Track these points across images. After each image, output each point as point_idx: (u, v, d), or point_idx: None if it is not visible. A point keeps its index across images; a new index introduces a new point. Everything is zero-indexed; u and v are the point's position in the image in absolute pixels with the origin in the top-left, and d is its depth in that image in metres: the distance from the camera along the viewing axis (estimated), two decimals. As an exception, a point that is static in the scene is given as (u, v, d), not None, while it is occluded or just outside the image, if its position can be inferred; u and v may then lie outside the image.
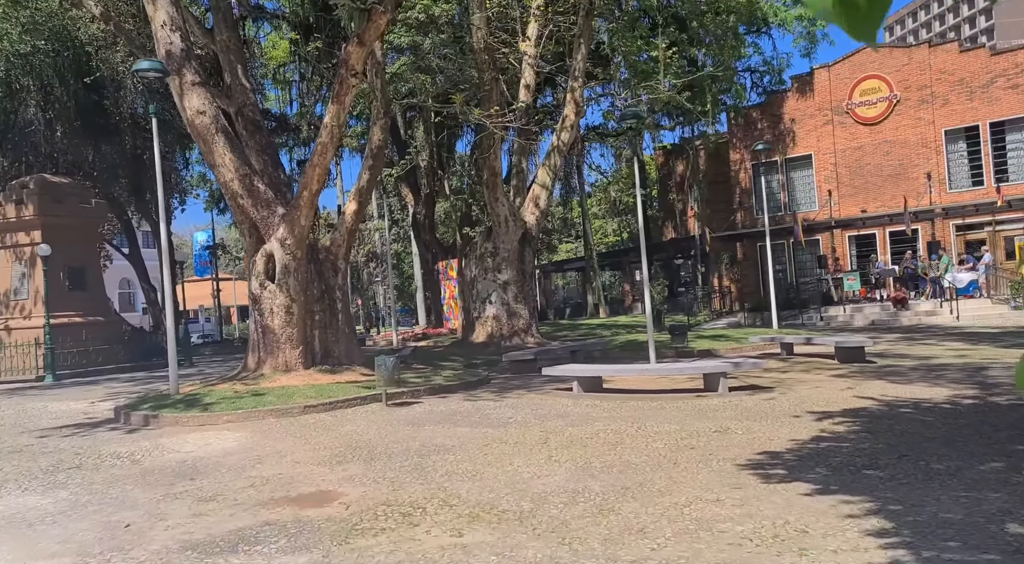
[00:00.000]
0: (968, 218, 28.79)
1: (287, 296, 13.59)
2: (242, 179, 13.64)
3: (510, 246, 19.85)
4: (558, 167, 20.72)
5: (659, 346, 18.56)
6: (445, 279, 34.31)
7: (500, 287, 19.90)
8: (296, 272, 13.70)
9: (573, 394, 12.16)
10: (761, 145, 22.07)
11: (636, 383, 12.83)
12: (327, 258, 14.55)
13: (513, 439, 8.85)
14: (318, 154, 13.22)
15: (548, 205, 20.79)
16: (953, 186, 29.25)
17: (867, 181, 31.05)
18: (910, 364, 13.97)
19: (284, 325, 13.60)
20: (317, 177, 13.33)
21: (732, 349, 17.81)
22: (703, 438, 8.31)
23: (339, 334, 14.52)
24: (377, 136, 14.49)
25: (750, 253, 34.71)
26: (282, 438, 9.68)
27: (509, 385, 14.02)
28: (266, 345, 13.71)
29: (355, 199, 14.65)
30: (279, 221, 13.83)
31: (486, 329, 19.99)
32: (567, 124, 20.46)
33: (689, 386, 12.32)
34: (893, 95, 30.18)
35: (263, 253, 13.70)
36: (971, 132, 28.78)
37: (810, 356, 15.90)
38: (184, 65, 13.32)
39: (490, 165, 19.22)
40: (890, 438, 7.80)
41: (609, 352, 18.24)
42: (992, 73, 28.07)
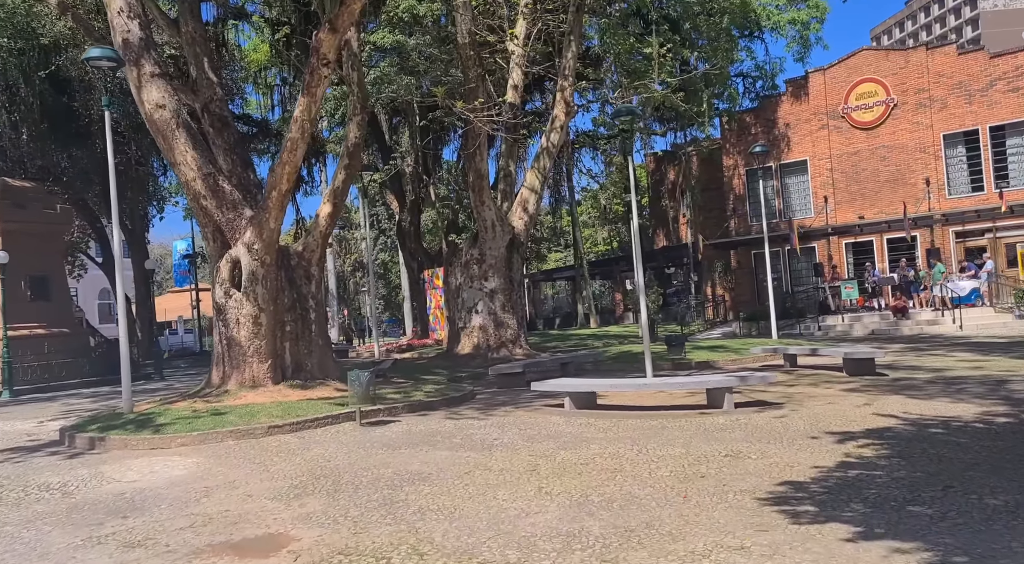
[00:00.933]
0: (968, 224, 28.03)
1: (255, 305, 12.54)
2: (205, 179, 12.60)
3: (497, 253, 18.85)
4: (547, 170, 19.80)
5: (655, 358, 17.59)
6: (431, 288, 33.27)
7: (487, 296, 18.89)
8: (265, 279, 12.66)
9: (565, 411, 11.16)
10: (759, 147, 21.24)
11: (633, 399, 11.84)
12: (299, 264, 13.52)
13: (498, 466, 7.83)
14: (287, 151, 12.21)
15: (537, 210, 19.86)
16: (952, 192, 28.52)
17: (864, 187, 30.30)
18: (924, 377, 13.04)
19: (251, 337, 12.55)
20: (287, 176, 12.32)
21: (732, 361, 16.86)
22: (714, 464, 7.32)
23: (312, 346, 13.48)
24: (354, 133, 13.50)
25: (744, 261, 33.86)
26: (239, 464, 8.62)
27: (495, 401, 12.99)
28: (231, 359, 12.64)
29: (330, 201, 13.63)
30: (246, 224, 12.79)
31: (472, 340, 18.96)
32: (557, 125, 19.54)
33: (691, 402, 11.33)
34: (890, 99, 29.46)
35: (228, 259, 12.66)
36: (971, 136, 28.07)
37: (816, 368, 14.97)
38: (143, 55, 12.30)
39: (476, 167, 18.24)
40: (927, 465, 6.83)
41: (602, 364, 17.25)
42: (991, 76, 27.39)
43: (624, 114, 14.21)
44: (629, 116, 14.19)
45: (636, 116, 13.82)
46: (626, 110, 14.28)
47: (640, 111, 13.98)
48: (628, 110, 14.26)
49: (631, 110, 14.17)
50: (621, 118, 14.27)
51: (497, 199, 19.49)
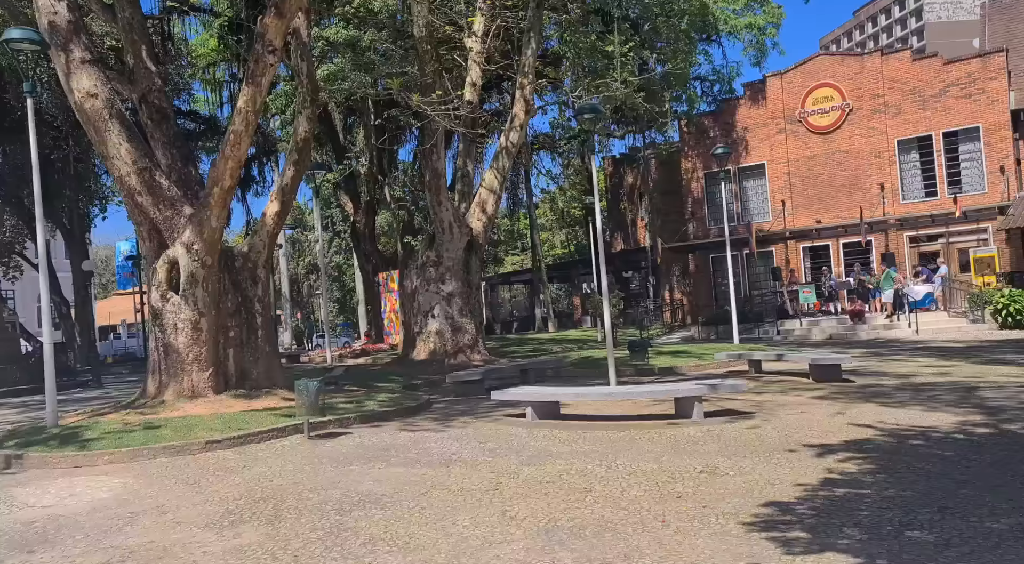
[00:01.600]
0: (922, 229, 28.24)
1: (194, 309, 11.71)
2: (141, 173, 11.73)
3: (455, 255, 18.20)
4: (506, 170, 19.23)
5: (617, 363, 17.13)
6: (386, 291, 32.45)
7: (444, 299, 18.22)
8: (206, 281, 11.83)
9: (527, 422, 10.58)
10: (721, 149, 20.97)
11: (598, 408, 11.30)
12: (245, 266, 12.70)
13: (458, 484, 7.21)
14: (231, 144, 11.42)
15: (496, 211, 19.29)
16: (906, 197, 28.71)
17: (820, 191, 30.37)
18: (892, 383, 12.77)
19: (190, 343, 11.70)
20: (230, 171, 11.52)
21: (696, 367, 16.48)
22: (690, 482, 6.80)
23: (258, 353, 12.67)
24: (303, 127, 12.75)
25: (702, 265, 33.74)
26: (171, 485, 7.84)
27: (453, 411, 12.35)
28: (169, 367, 11.78)
29: (277, 199, 12.85)
30: (186, 222, 11.95)
31: (428, 345, 18.27)
32: (516, 124, 18.98)
33: (658, 411, 10.84)
34: (846, 104, 29.59)
35: (165, 259, 11.81)
36: (924, 142, 28.29)
37: (782, 374, 14.63)
38: (72, 39, 11.39)
39: (432, 166, 17.58)
40: (915, 481, 6.40)
41: (563, 371, 16.73)
42: (945, 82, 27.64)
43: (587, 112, 13.71)
44: (592, 114, 13.68)
45: (599, 114, 13.32)
46: (589, 108, 13.78)
47: (603, 109, 13.43)
48: (591, 108, 13.75)
49: (594, 108, 13.66)
50: (584, 116, 13.76)
51: (455, 200, 18.86)
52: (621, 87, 17.14)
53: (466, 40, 20.18)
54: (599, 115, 13.70)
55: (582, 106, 13.73)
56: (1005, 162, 26.56)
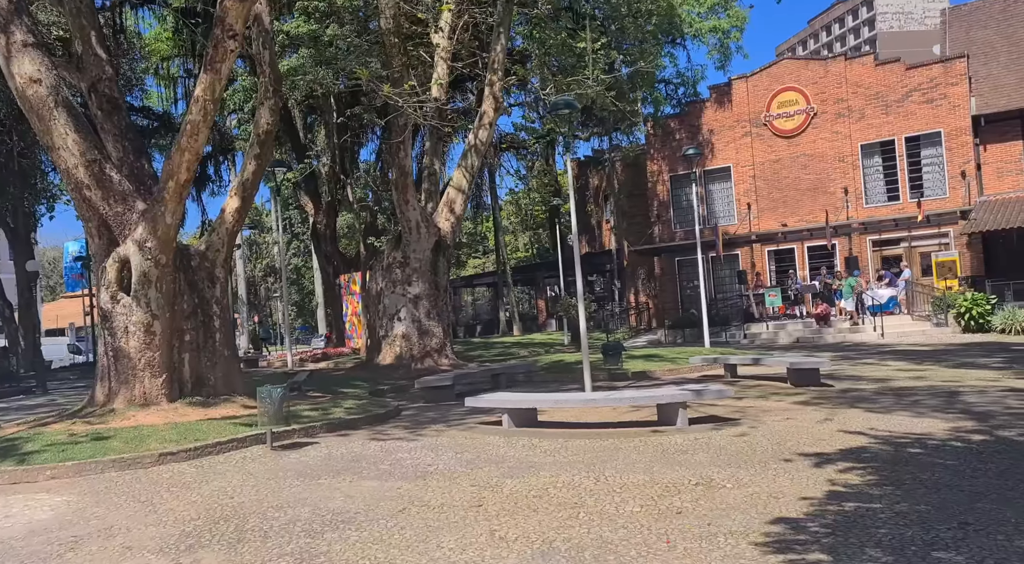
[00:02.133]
0: (885, 233, 28.43)
1: (147, 311, 10.96)
2: (89, 166, 10.96)
3: (422, 255, 17.62)
4: (475, 169, 18.71)
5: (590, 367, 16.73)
6: (348, 294, 31.67)
7: (410, 302, 17.62)
8: (160, 282, 11.10)
9: (504, 430, 10.07)
10: (691, 150, 20.74)
11: (576, 415, 10.85)
12: (202, 265, 11.98)
13: (437, 500, 6.67)
14: (187, 135, 10.71)
15: (464, 210, 18.75)
16: (869, 201, 28.88)
17: (785, 195, 30.42)
18: (871, 388, 12.55)
19: (143, 347, 10.96)
20: (186, 164, 10.81)
21: (669, 371, 16.15)
22: (687, 496, 6.36)
23: (216, 357, 11.95)
24: (265, 119, 12.08)
25: (668, 268, 33.60)
26: (120, 504, 7.16)
27: (424, 418, 11.78)
28: (119, 373, 11.02)
29: (237, 194, 12.15)
30: (138, 218, 11.20)
31: (394, 350, 17.65)
32: (485, 121, 18.49)
33: (639, 418, 10.42)
34: (810, 108, 29.69)
35: (116, 258, 11.05)
36: (887, 147, 28.49)
37: (758, 379, 14.34)
38: (12, 21, 10.59)
39: (399, 163, 16.98)
40: (926, 494, 6.05)
41: (535, 375, 16.26)
42: (907, 87, 27.87)
43: (562, 107, 13.27)
44: (568, 109, 13.26)
45: (574, 109, 12.91)
46: (564, 103, 13.34)
47: (578, 104, 13.03)
48: (566, 103, 13.32)
49: (569, 103, 13.23)
50: (559, 112, 13.33)
51: (421, 199, 18.28)
52: (594, 85, 16.74)
53: (433, 36, 19.63)
54: (574, 110, 13.28)
55: (557, 101, 13.28)
56: (966, 167, 26.85)
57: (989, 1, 29.63)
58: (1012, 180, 26.65)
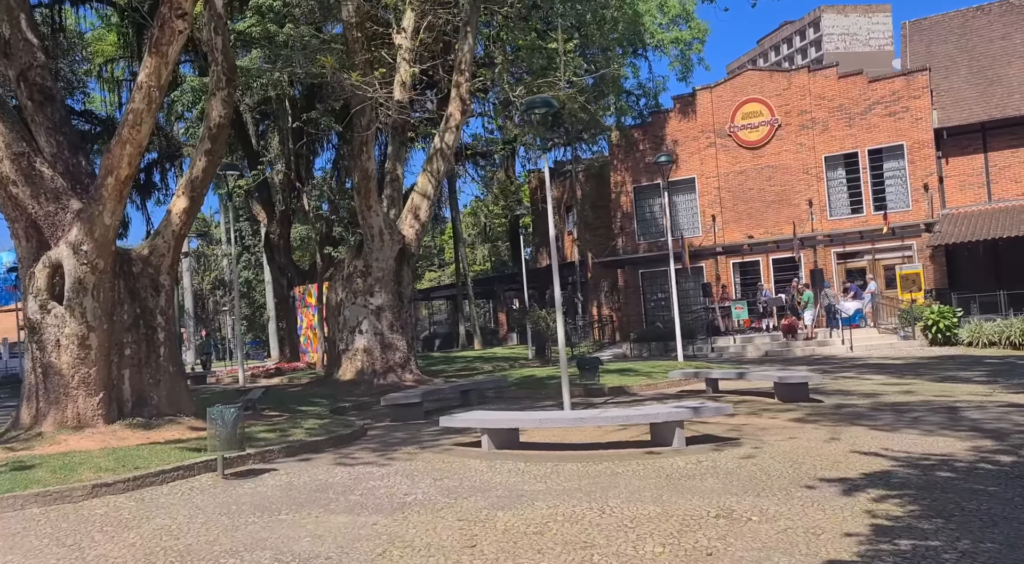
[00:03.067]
0: (849, 246, 28.28)
1: (81, 322, 9.79)
2: (16, 159, 9.78)
3: (385, 265, 16.61)
4: (441, 174, 17.80)
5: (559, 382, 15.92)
6: (302, 306, 30.38)
7: (373, 313, 16.58)
8: (97, 289, 9.93)
9: (484, 452, 9.16)
10: (664, 157, 20.16)
11: (560, 435, 9.99)
12: (145, 272, 10.83)
13: (422, 539, 5.73)
14: (129, 125, 9.62)
15: (429, 217, 17.83)
16: (834, 213, 28.73)
17: (750, 207, 30.14)
18: (864, 403, 11.95)
19: (76, 363, 9.77)
20: (128, 157, 9.70)
21: (647, 386, 15.39)
22: (712, 532, 5.54)
23: (160, 374, 10.79)
24: (217, 111, 11.01)
25: (632, 280, 33.05)
26: (41, 548, 6.05)
27: (393, 439, 10.78)
28: (49, 391, 9.81)
29: (186, 194, 11.03)
30: (72, 219, 10.04)
31: (355, 364, 16.57)
32: (452, 124, 17.62)
33: (628, 437, 9.61)
34: (774, 120, 29.51)
35: (47, 263, 9.86)
36: (850, 159, 28.40)
37: (742, 394, 13.66)
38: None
39: (362, 166, 15.99)
40: (985, 528, 5.33)
41: (505, 391, 15.36)
42: (870, 100, 27.85)
43: (538, 105, 12.49)
44: (545, 108, 12.48)
45: (551, 107, 12.14)
46: (541, 101, 12.55)
47: (555, 102, 12.26)
48: (544, 101, 12.53)
49: (547, 101, 12.45)
50: (535, 111, 12.54)
51: (384, 205, 17.29)
52: (566, 87, 16.03)
53: (395, 37, 18.75)
54: (550, 109, 12.50)
55: (533, 100, 12.50)
56: (928, 180, 26.86)
57: (949, 15, 29.89)
58: (974, 193, 26.74)
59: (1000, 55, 27.68)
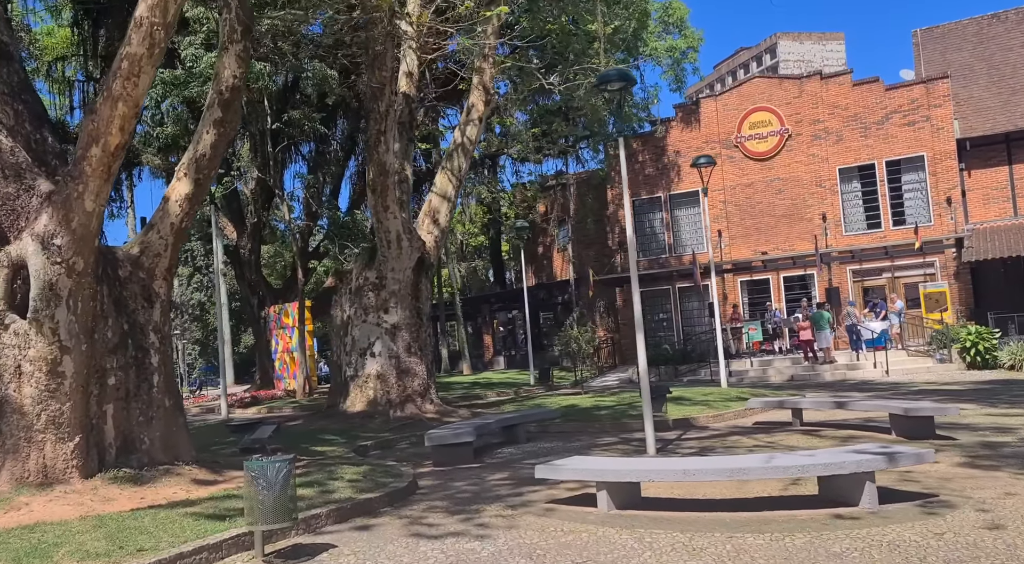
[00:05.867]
0: (866, 263, 26.74)
1: (52, 342, 7.22)
2: (-34, 121, 7.26)
3: (402, 275, 14.21)
4: (463, 172, 15.51)
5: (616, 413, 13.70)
6: (278, 328, 27.58)
7: (387, 333, 14.13)
8: (74, 298, 7.38)
9: (603, 514, 6.87)
10: (704, 159, 18.18)
11: (687, 489, 7.73)
12: (134, 276, 8.29)
13: None
14: (123, 77, 7.17)
15: (449, 222, 15.50)
16: (849, 228, 27.21)
17: (759, 221, 28.47)
18: (1012, 441, 9.92)
19: (44, 396, 7.20)
20: (120, 120, 7.24)
21: (714, 417, 13.25)
22: None
23: (153, 409, 8.22)
24: (231, 70, 8.59)
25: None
26: None
27: (459, 492, 8.36)
28: (3, 435, 7.20)
29: (188, 175, 8.55)
30: (40, 204, 7.50)
31: (366, 393, 14.06)
32: (474, 116, 15.42)
33: (775, 491, 7.40)
34: (784, 129, 27.99)
35: (4, 261, 7.29)
36: (866, 171, 26.97)
37: (837, 427, 11.56)
38: None
39: (378, 160, 13.62)
40: None
41: (550, 426, 13.02)
42: (887, 109, 26.50)
43: (614, 79, 10.46)
44: (620, 82, 10.45)
45: (629, 80, 10.10)
46: (616, 74, 10.53)
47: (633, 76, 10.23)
48: (619, 74, 10.49)
49: (623, 74, 10.41)
50: (609, 85, 10.47)
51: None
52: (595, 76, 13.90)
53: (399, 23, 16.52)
54: (628, 83, 10.47)
55: (608, 73, 10.48)
56: (951, 193, 25.51)
57: (962, 23, 28.83)
58: (999, 207, 25.48)
59: (1021, 63, 26.62)
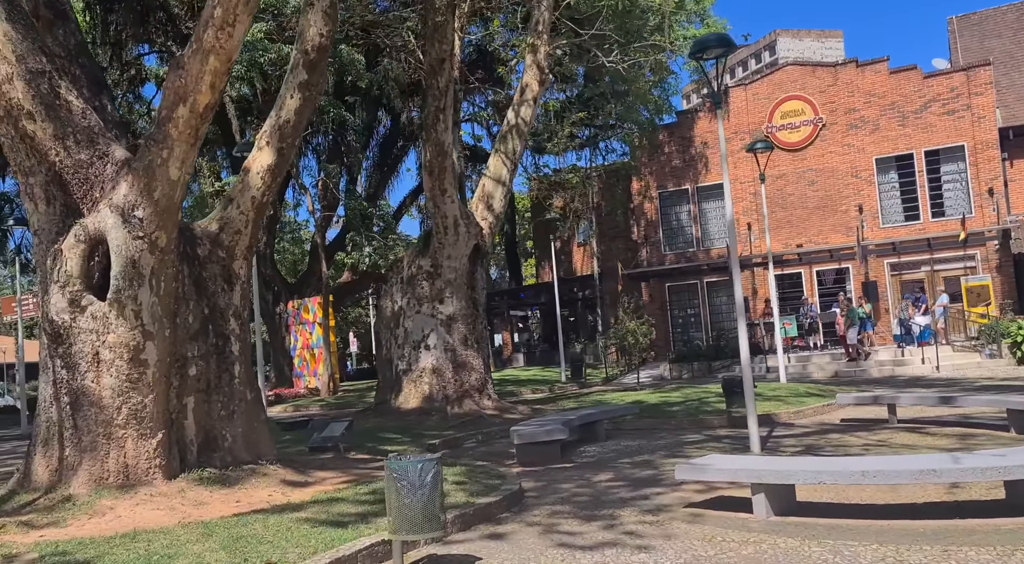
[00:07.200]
0: (904, 256, 26.04)
1: (135, 326, 6.38)
2: (33, 80, 6.39)
3: (458, 263, 13.39)
4: (517, 155, 14.70)
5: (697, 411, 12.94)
6: (297, 324, 26.70)
7: (442, 325, 13.30)
8: (156, 277, 6.54)
9: (761, 521, 6.09)
10: (760, 144, 17.35)
11: (842, 493, 6.94)
12: (213, 255, 7.44)
13: None
14: (216, 26, 6.28)
15: (504, 208, 14.67)
16: (886, 220, 26.49)
17: (791, 214, 27.74)
18: None
19: (125, 387, 6.35)
20: (211, 77, 6.38)
21: (794, 413, 12.50)
22: None
23: (234, 402, 7.37)
24: (317, 28, 7.71)
25: (658, 295, 30.26)
26: None
27: (572, 494, 7.52)
28: (81, 431, 6.35)
29: (271, 144, 7.67)
30: (117, 172, 6.64)
31: (420, 389, 13.22)
32: (528, 96, 14.61)
33: (939, 495, 6.62)
34: (818, 118, 27.24)
35: (81, 235, 6.43)
36: (904, 161, 26.24)
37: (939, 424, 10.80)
38: None
39: (436, 139, 12.79)
40: None
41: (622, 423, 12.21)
42: (925, 97, 25.78)
43: (713, 45, 9.74)
44: (720, 47, 9.72)
45: (729, 47, 9.36)
46: (715, 39, 9.79)
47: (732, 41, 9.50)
48: (718, 39, 9.75)
49: (722, 38, 9.65)
50: (708, 51, 9.73)
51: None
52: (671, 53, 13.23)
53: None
54: (728, 49, 9.75)
55: (706, 38, 9.78)
56: (993, 183, 24.83)
57: (1000, 10, 28.17)
58: (1043, 199, 24.85)
59: (1064, 51, 26.03)
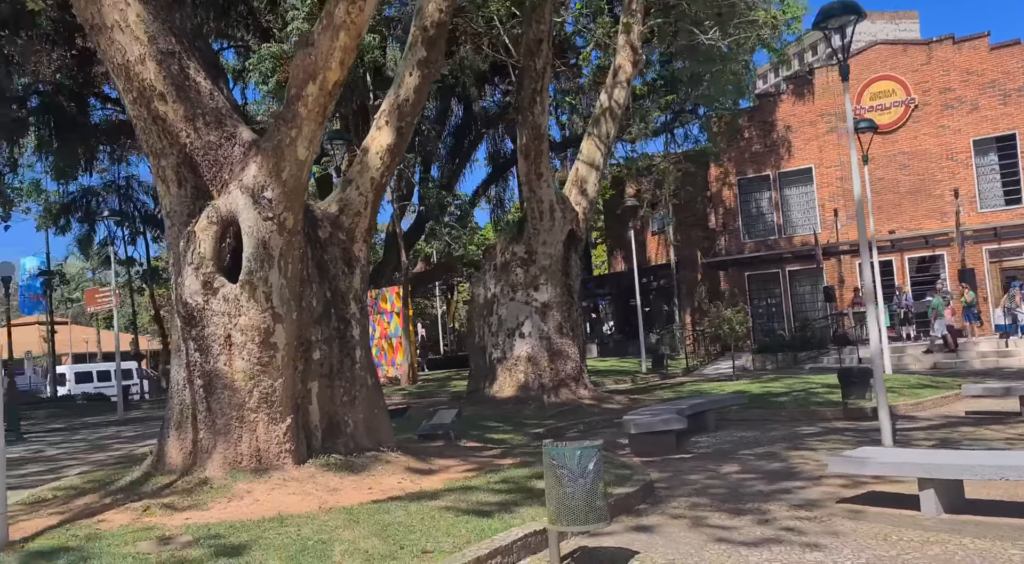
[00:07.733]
0: (1004, 242, 24.73)
1: (265, 309, 6.27)
2: (164, 60, 6.32)
3: (553, 250, 13.10)
4: (611, 138, 14.32)
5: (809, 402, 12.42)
6: (374, 313, 26.78)
7: (537, 312, 13.04)
8: (284, 259, 6.42)
9: (932, 519, 5.63)
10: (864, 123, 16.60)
11: (1004, 490, 6.43)
12: (334, 237, 7.31)
13: None
14: (348, 1, 6.12)
15: (598, 193, 14.32)
16: (984, 204, 25.22)
17: (880, 199, 26.57)
18: None
19: (256, 371, 6.25)
20: (341, 53, 6.19)
21: (914, 405, 11.85)
22: None
23: (356, 388, 7.22)
24: (436, 3, 7.44)
25: (737, 284, 29.47)
26: None
27: (709, 488, 7.15)
28: (213, 414, 6.27)
29: (390, 123, 7.51)
30: (244, 153, 6.53)
31: (515, 377, 12.99)
32: (622, 78, 14.19)
33: None
34: (910, 99, 26.07)
35: (214, 217, 6.35)
36: (1005, 142, 24.92)
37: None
38: None
39: (533, 122, 12.49)
40: None
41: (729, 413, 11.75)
42: (1030, 75, 24.41)
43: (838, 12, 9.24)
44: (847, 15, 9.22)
45: (859, 13, 8.84)
46: (840, 6, 9.22)
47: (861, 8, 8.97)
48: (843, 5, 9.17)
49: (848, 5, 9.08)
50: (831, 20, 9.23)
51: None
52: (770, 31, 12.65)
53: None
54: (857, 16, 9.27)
55: (831, 6, 9.23)
56: (1104, 165, 23.39)
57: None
58: None
59: None
